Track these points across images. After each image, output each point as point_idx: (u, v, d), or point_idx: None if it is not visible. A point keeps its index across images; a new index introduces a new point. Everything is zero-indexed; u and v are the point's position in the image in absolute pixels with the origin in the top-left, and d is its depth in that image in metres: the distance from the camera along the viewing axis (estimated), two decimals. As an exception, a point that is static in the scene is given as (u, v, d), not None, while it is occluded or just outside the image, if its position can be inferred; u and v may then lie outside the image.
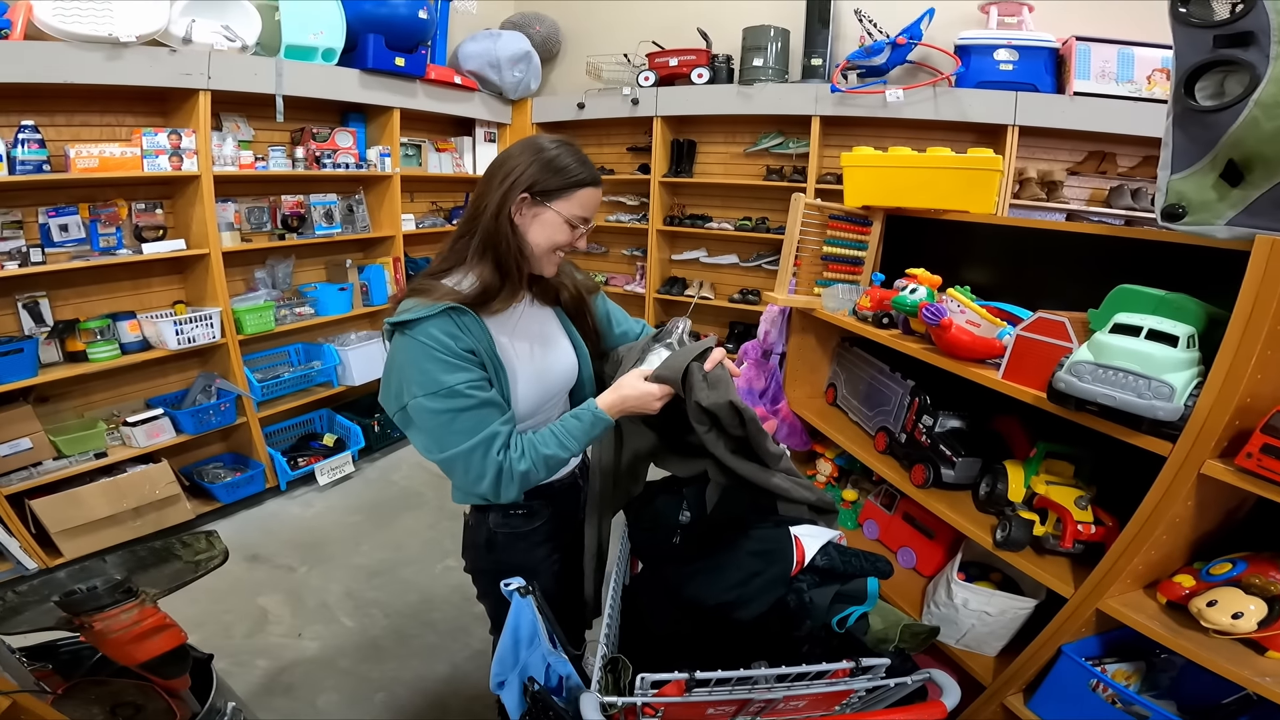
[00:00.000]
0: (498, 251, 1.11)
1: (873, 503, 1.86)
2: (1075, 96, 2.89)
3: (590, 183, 1.12)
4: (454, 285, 1.13)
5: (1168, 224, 1.04)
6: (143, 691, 1.21)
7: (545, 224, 1.12)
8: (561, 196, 1.10)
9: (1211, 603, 1.01)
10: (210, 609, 2.34)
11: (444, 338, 1.05)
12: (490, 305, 1.13)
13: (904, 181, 1.64)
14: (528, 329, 1.23)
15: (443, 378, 1.05)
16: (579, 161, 1.12)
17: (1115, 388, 0.97)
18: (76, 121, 2.52)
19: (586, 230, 1.16)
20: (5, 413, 2.35)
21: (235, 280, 3.13)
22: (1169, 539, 1.09)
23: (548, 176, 1.09)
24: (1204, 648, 1.01)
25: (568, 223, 1.12)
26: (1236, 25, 0.89)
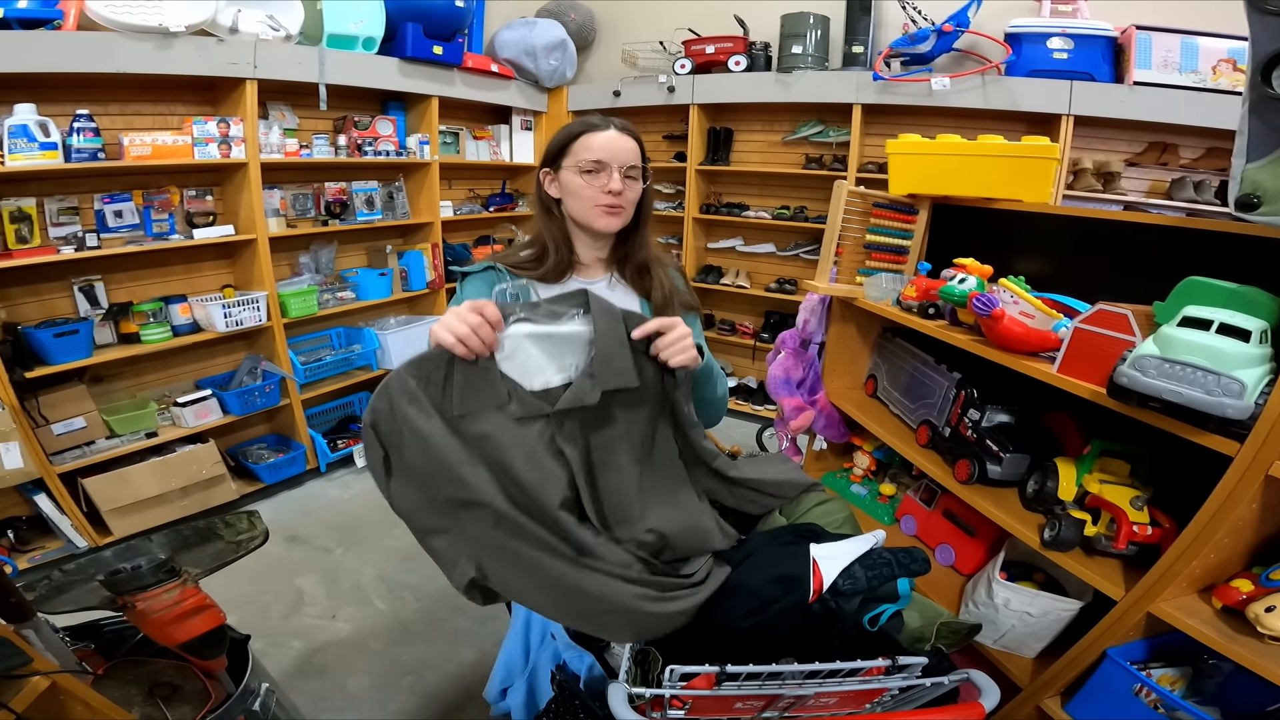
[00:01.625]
0: (547, 229, 1.23)
1: (911, 498, 1.81)
2: (1135, 86, 2.77)
3: (586, 130, 1.17)
4: (518, 251, 1.27)
5: (1242, 214, 1.00)
6: (180, 672, 1.24)
7: (566, 187, 1.20)
8: (565, 155, 1.19)
9: (1270, 608, 0.97)
10: (249, 589, 2.40)
11: (470, 291, 1.20)
12: (534, 273, 1.21)
13: (953, 169, 1.59)
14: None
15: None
16: (583, 119, 1.19)
17: (1182, 384, 0.91)
18: (130, 110, 2.60)
19: (613, 172, 1.16)
20: (61, 392, 2.44)
21: (281, 265, 3.20)
22: (1230, 542, 1.04)
23: (553, 146, 1.21)
24: (1259, 654, 0.97)
25: (581, 173, 1.16)
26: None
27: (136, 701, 1.16)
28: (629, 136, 1.20)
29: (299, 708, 1.69)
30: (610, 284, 1.28)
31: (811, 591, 1.10)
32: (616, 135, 1.18)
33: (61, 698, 0.95)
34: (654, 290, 1.26)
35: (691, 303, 1.34)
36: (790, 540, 1.22)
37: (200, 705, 1.18)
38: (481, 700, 1.94)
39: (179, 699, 1.18)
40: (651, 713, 0.97)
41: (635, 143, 1.21)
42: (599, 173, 1.16)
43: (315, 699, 1.93)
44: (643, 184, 1.23)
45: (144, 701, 1.15)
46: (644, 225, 1.28)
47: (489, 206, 4.19)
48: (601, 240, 1.26)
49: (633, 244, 1.27)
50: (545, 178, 1.23)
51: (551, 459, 0.94)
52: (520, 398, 0.94)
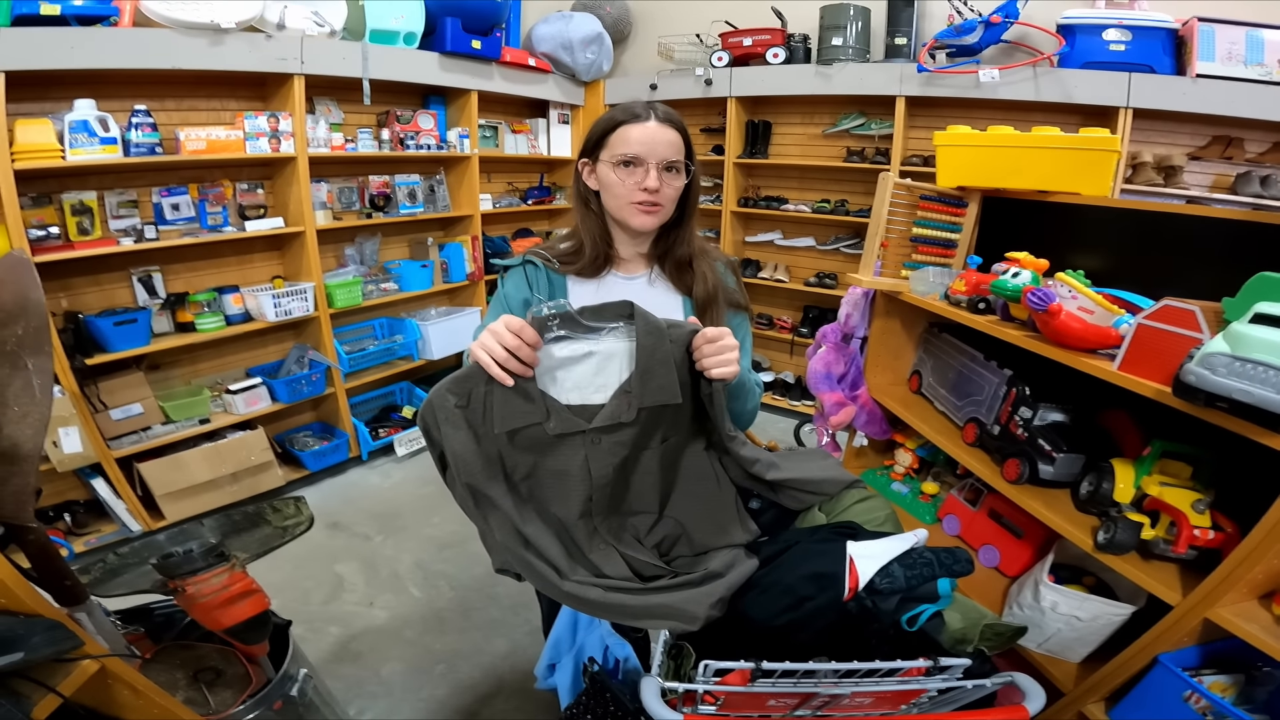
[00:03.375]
0: (585, 221, 1.20)
1: (955, 497, 1.76)
2: (1198, 79, 2.66)
3: (625, 120, 1.11)
4: (557, 244, 1.24)
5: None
6: (224, 656, 1.26)
7: (603, 179, 1.15)
8: (603, 147, 1.14)
9: None
10: (292, 575, 2.47)
11: (510, 286, 1.19)
12: (572, 266, 1.19)
13: (1006, 162, 1.53)
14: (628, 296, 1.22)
15: (489, 316, 1.12)
16: (623, 106, 1.13)
17: (1254, 383, 0.86)
18: (185, 106, 2.69)
19: (650, 168, 1.10)
20: (120, 379, 2.54)
21: (327, 257, 3.27)
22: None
23: (592, 135, 1.15)
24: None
25: (618, 165, 1.11)
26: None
27: (181, 685, 1.19)
28: (671, 128, 1.12)
29: (334, 693, 1.72)
30: (650, 280, 1.24)
31: (847, 590, 1.07)
32: (657, 127, 1.10)
33: (109, 681, 0.97)
34: (696, 285, 1.20)
35: (739, 301, 1.26)
36: (827, 537, 1.19)
37: (241, 689, 1.21)
38: (512, 690, 1.97)
39: (221, 683, 1.21)
40: (683, 708, 0.96)
41: (678, 134, 1.13)
42: (635, 168, 1.10)
43: (350, 684, 1.98)
44: (686, 178, 1.16)
45: (188, 685, 1.19)
46: (688, 220, 1.21)
47: (527, 199, 4.22)
48: (641, 236, 1.20)
49: (675, 240, 1.21)
50: (584, 169, 1.18)
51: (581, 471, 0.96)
52: (558, 413, 0.94)
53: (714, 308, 1.21)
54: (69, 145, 2.23)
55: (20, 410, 0.86)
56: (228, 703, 1.16)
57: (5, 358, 0.87)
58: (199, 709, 1.12)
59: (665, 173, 1.12)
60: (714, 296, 1.21)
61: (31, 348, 0.89)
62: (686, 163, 1.15)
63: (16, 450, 0.86)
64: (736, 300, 1.26)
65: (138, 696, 0.99)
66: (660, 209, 1.14)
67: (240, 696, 1.18)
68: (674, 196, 1.15)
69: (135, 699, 0.99)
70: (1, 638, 0.73)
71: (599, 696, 1.11)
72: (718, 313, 1.23)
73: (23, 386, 0.87)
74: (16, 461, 0.85)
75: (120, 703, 0.99)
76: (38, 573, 0.92)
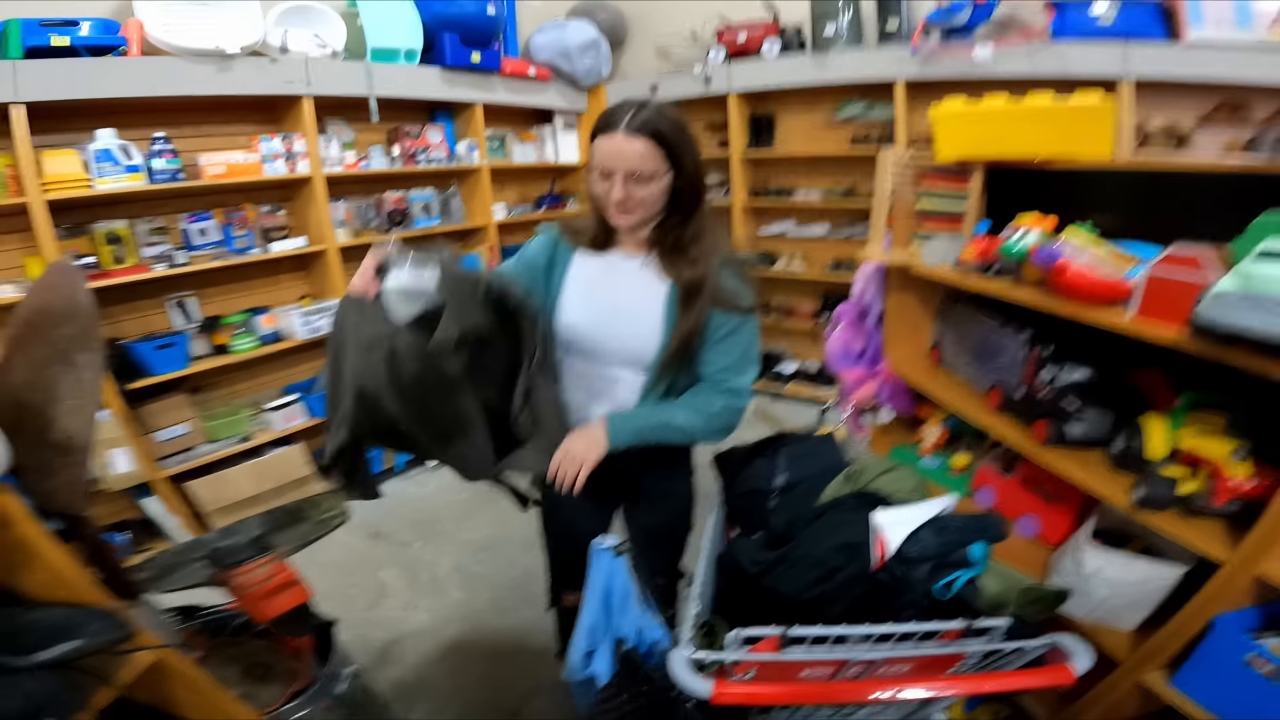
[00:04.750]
0: (590, 205, 1.25)
1: (988, 467, 1.73)
2: (1192, 46, 2.63)
3: (599, 131, 1.14)
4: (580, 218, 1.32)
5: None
6: (271, 651, 1.31)
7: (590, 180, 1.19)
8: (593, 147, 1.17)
9: None
10: (337, 582, 2.52)
11: (533, 244, 1.32)
12: (580, 237, 1.29)
13: (1001, 131, 1.53)
14: (614, 281, 1.27)
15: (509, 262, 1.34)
16: (608, 110, 1.15)
17: (1270, 316, 0.84)
18: (202, 132, 2.77)
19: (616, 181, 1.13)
20: (164, 401, 2.64)
21: (351, 274, 3.33)
22: None
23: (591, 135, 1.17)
24: None
25: (594, 173, 1.17)
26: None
27: (234, 681, 1.24)
28: (640, 137, 1.10)
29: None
30: (644, 263, 1.26)
31: (875, 558, 1.07)
32: (623, 139, 1.09)
33: (165, 676, 1.00)
34: (684, 274, 1.19)
35: (733, 304, 1.20)
36: (853, 507, 1.19)
37: (287, 685, 1.25)
38: (552, 686, 1.97)
39: (270, 678, 1.25)
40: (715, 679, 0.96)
41: (647, 142, 1.10)
42: (606, 178, 1.15)
43: (394, 686, 2.01)
44: (668, 179, 1.15)
45: (240, 681, 1.23)
46: (693, 217, 1.20)
47: (540, 207, 4.27)
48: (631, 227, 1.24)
49: (671, 233, 1.21)
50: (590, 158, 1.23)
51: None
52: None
53: (696, 300, 1.19)
54: (95, 175, 2.31)
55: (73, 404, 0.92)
56: (276, 697, 1.21)
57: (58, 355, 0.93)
58: (251, 704, 1.16)
59: (633, 182, 1.13)
60: (698, 288, 1.19)
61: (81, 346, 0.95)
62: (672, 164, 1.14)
63: (70, 442, 0.91)
64: (728, 302, 1.20)
65: (194, 692, 1.02)
66: (633, 212, 1.16)
67: (288, 692, 1.22)
68: (647, 199, 1.15)
69: (191, 695, 1.02)
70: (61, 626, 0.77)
71: (632, 676, 1.12)
72: (700, 306, 1.20)
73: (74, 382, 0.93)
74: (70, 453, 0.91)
75: (177, 699, 1.02)
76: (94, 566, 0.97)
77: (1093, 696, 1.33)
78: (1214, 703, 1.13)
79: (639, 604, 1.15)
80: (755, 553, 1.19)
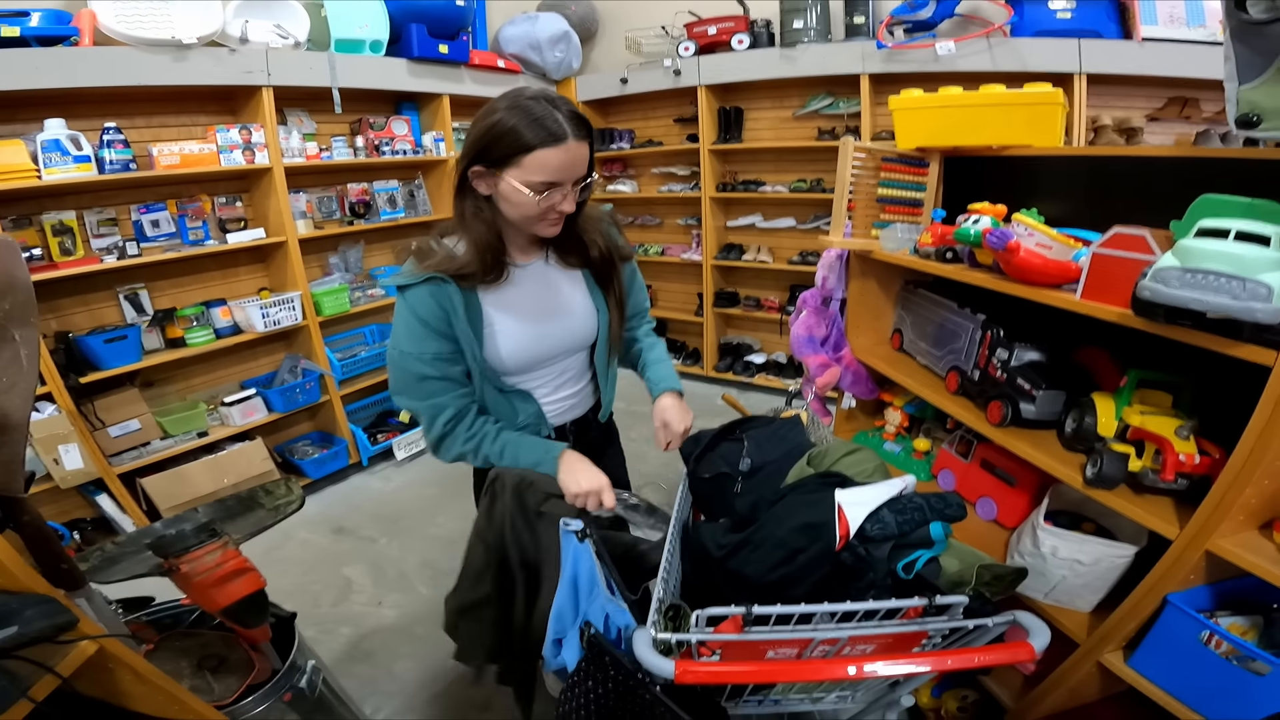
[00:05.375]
0: (468, 229, 1.09)
1: (947, 451, 1.77)
2: (1145, 42, 2.71)
3: (539, 144, 0.99)
4: (452, 247, 1.12)
5: (1244, 131, 0.99)
6: (227, 643, 1.28)
7: (504, 195, 1.06)
8: (510, 164, 1.02)
9: None
10: (300, 580, 2.49)
11: (420, 307, 1.09)
12: (473, 280, 1.11)
13: (958, 121, 1.56)
14: (533, 289, 1.21)
15: (409, 344, 1.12)
16: (532, 119, 0.99)
17: (1207, 291, 0.86)
18: (156, 123, 2.70)
19: (566, 191, 1.06)
20: (115, 396, 2.56)
21: (312, 266, 3.29)
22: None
23: (493, 143, 1.02)
24: None
25: (529, 189, 1.02)
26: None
27: (186, 674, 1.21)
28: (585, 140, 1.04)
29: (348, 691, 1.73)
30: (547, 261, 1.23)
31: (838, 538, 1.08)
32: (575, 146, 1.02)
33: (111, 666, 0.97)
34: (591, 255, 1.21)
35: (627, 253, 1.30)
36: (815, 488, 1.20)
37: (245, 676, 1.22)
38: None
39: (225, 670, 1.22)
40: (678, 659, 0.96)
41: (588, 141, 1.06)
42: (550, 191, 1.04)
43: (364, 682, 1.99)
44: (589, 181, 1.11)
45: (193, 674, 1.20)
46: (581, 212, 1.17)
47: (509, 199, 4.23)
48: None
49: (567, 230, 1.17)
50: (475, 177, 1.07)
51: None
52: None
53: (613, 272, 1.23)
54: (43, 165, 2.24)
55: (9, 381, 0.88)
56: (232, 689, 1.18)
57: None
58: (204, 696, 1.13)
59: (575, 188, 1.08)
60: (610, 260, 1.22)
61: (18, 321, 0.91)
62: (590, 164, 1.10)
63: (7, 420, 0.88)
64: (625, 253, 1.29)
65: (142, 683, 0.99)
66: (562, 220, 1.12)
67: (244, 683, 1.19)
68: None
69: (139, 685, 0.99)
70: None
71: (599, 661, 1.11)
72: (616, 275, 1.24)
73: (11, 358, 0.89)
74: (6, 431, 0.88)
75: (125, 690, 0.99)
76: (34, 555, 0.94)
77: (1055, 679, 1.34)
78: (1171, 682, 1.14)
79: (605, 588, 1.15)
80: (720, 536, 1.19)
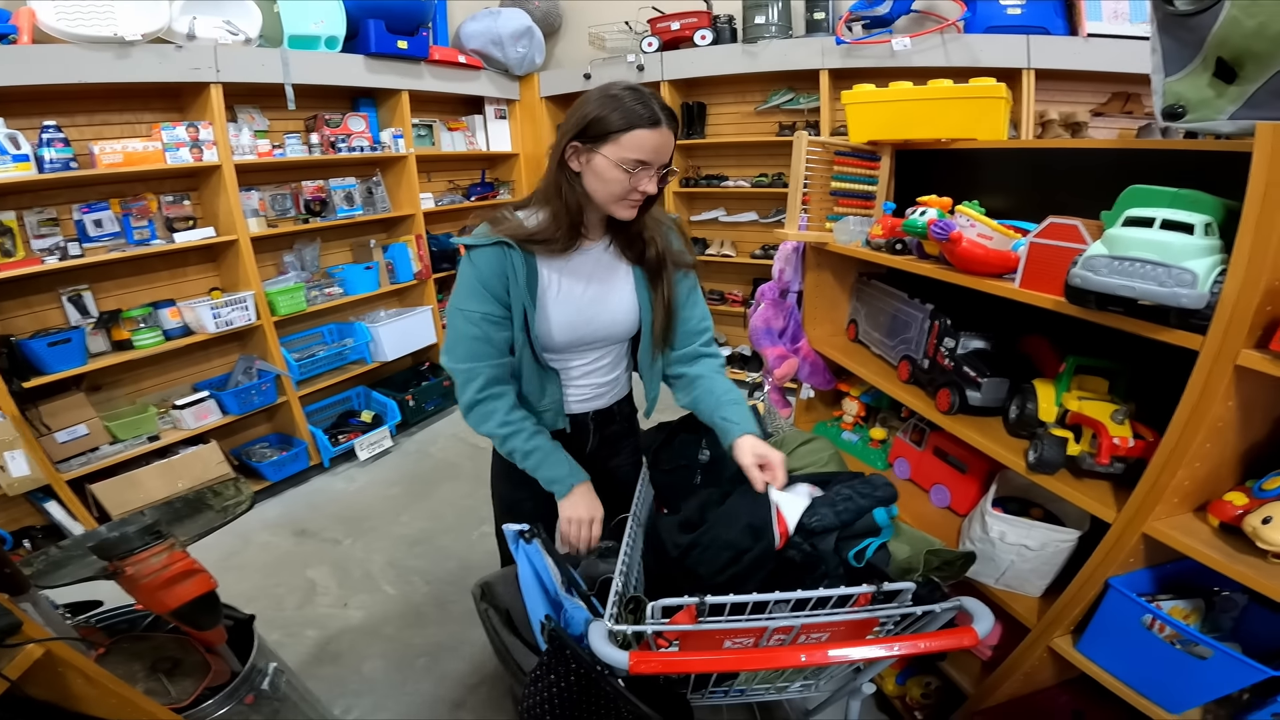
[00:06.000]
0: (557, 200, 1.16)
1: (902, 439, 1.81)
2: (1090, 38, 2.81)
3: (638, 124, 1.07)
4: (524, 219, 1.20)
5: (1170, 123, 1.02)
6: (181, 645, 1.26)
7: (596, 171, 1.12)
8: (608, 141, 1.09)
9: (1267, 519, 0.92)
10: (262, 583, 2.44)
11: (484, 268, 1.17)
12: (542, 247, 1.19)
13: (908, 115, 1.60)
14: (589, 270, 1.25)
15: (468, 299, 1.19)
16: (633, 103, 1.08)
17: (1135, 279, 0.91)
18: (97, 120, 2.61)
19: (653, 174, 1.12)
20: (61, 401, 2.48)
21: (265, 265, 3.22)
22: (1214, 448, 1.00)
23: (595, 122, 1.09)
24: (1263, 574, 0.92)
25: (619, 167, 1.10)
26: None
27: (140, 677, 1.18)
28: (673, 130, 1.12)
29: (316, 693, 1.71)
30: (606, 247, 1.27)
31: (778, 537, 1.10)
32: (667, 134, 1.10)
33: (60, 669, 0.96)
34: (648, 253, 1.26)
35: (686, 261, 1.31)
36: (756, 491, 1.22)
37: (201, 679, 1.20)
38: (496, 677, 1.96)
39: (180, 673, 1.20)
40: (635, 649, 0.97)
41: (675, 134, 1.14)
42: (635, 171, 1.10)
43: (332, 684, 1.96)
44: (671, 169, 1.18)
45: (146, 676, 1.18)
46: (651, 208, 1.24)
47: (470, 196, 4.19)
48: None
49: (636, 220, 1.22)
50: (571, 151, 1.13)
51: None
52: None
53: (664, 272, 1.27)
54: (-20, 165, 2.14)
55: None
56: (189, 692, 1.16)
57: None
58: (160, 699, 1.12)
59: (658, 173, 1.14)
60: (663, 262, 1.27)
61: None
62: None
63: None
64: (682, 260, 1.31)
65: (93, 686, 0.99)
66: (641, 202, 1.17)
67: (201, 685, 1.17)
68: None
69: (91, 688, 0.98)
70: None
71: (559, 655, 1.11)
72: (668, 277, 1.28)
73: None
74: None
75: (77, 693, 0.98)
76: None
77: (1009, 664, 1.37)
78: (1117, 667, 1.17)
79: (562, 585, 1.15)
80: (675, 535, 1.21)
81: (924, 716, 1.64)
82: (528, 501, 1.32)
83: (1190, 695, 1.08)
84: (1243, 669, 0.98)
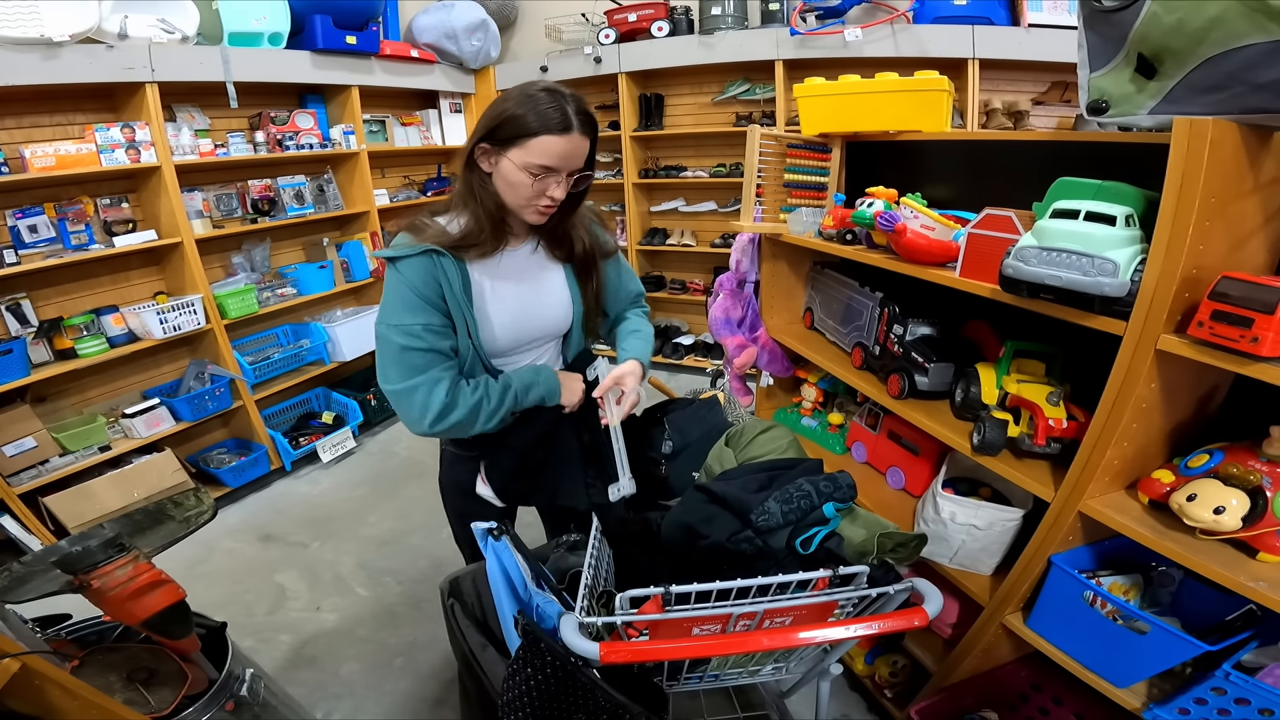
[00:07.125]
0: (474, 202, 1.15)
1: (858, 424, 1.87)
2: (1030, 28, 2.92)
3: (546, 130, 1.06)
4: (445, 225, 1.18)
5: (1094, 117, 1.06)
6: (155, 655, 1.25)
7: (503, 174, 1.11)
8: (515, 144, 1.08)
9: (1191, 496, 0.96)
10: (231, 590, 2.41)
11: (414, 278, 1.12)
12: (471, 252, 1.16)
13: (856, 107, 1.64)
14: (520, 272, 1.26)
15: (402, 313, 1.12)
16: (546, 107, 1.06)
17: (1061, 268, 0.97)
18: (26, 123, 2.50)
19: (561, 179, 1.11)
20: (6, 414, 2.40)
21: (213, 267, 3.13)
22: (1140, 428, 1.06)
23: (504, 124, 1.07)
24: (1192, 550, 0.97)
25: (524, 171, 1.08)
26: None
27: (117, 688, 1.17)
28: (588, 136, 1.12)
29: (294, 698, 1.70)
30: (535, 249, 1.28)
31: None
32: (579, 139, 1.09)
33: (38, 682, 0.95)
34: (575, 250, 1.27)
35: (610, 248, 1.36)
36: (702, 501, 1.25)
37: (179, 687, 1.20)
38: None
39: (157, 682, 1.19)
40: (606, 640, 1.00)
41: (591, 138, 1.13)
42: (547, 177, 1.10)
43: (310, 688, 1.96)
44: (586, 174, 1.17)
45: (124, 687, 1.17)
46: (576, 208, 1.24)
47: (426, 191, 4.13)
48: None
49: (559, 222, 1.23)
50: (482, 155, 1.13)
51: None
52: None
53: (594, 267, 1.29)
54: (-100, 174, 2.03)
55: None
56: (168, 701, 1.16)
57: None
58: (140, 709, 1.11)
59: (570, 178, 1.13)
60: (591, 257, 1.29)
61: None
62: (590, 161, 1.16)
63: None
64: (606, 248, 1.35)
65: (72, 697, 0.98)
66: (556, 209, 1.17)
67: (179, 694, 1.17)
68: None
69: (70, 700, 0.98)
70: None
71: (534, 649, 1.14)
72: (598, 271, 1.31)
73: None
74: None
75: (57, 706, 0.98)
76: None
77: (967, 641, 1.42)
78: (1064, 641, 1.20)
79: (531, 579, 1.17)
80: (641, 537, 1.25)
81: (894, 694, 1.70)
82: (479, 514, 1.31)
83: (1133, 670, 1.10)
84: (1179, 644, 1.01)
